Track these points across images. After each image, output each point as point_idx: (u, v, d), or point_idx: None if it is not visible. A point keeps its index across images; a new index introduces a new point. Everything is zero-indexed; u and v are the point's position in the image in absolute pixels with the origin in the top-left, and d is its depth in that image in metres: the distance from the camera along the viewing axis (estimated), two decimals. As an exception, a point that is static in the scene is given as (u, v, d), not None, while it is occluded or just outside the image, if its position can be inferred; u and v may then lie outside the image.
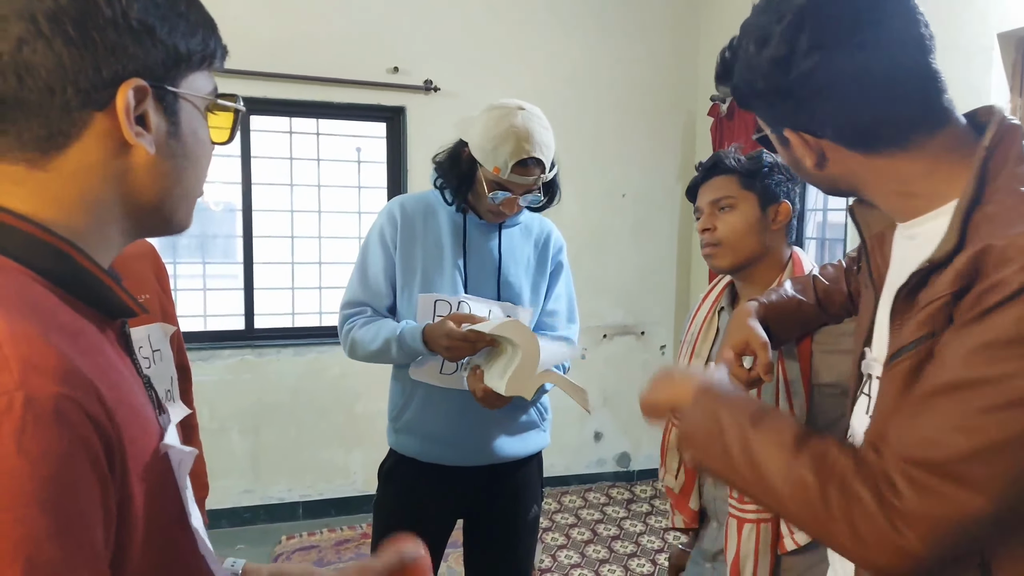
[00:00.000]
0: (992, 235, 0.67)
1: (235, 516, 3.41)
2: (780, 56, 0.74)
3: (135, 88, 0.56)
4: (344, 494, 3.62)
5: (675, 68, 4.05)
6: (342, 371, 3.52)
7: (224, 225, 3.75)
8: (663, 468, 1.43)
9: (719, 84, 0.86)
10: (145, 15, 0.56)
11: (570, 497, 3.91)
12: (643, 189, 4.07)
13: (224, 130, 0.68)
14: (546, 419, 1.78)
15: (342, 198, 3.70)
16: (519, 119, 1.51)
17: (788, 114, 0.78)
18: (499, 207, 1.58)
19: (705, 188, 1.36)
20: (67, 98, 0.54)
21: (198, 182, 0.66)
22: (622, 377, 4.09)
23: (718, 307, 1.40)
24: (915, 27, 0.74)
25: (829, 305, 1.15)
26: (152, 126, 0.58)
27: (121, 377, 0.57)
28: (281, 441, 3.51)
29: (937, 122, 0.76)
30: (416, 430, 1.66)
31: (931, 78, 0.75)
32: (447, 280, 1.63)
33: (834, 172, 0.81)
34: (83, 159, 0.56)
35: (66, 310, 0.55)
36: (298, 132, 3.58)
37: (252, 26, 3.25)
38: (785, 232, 1.32)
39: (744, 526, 1.21)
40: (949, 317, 0.69)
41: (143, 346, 1.50)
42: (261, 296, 3.57)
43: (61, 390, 0.47)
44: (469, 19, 3.66)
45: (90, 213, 0.58)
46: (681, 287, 4.21)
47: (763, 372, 1.07)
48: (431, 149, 1.74)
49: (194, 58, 0.61)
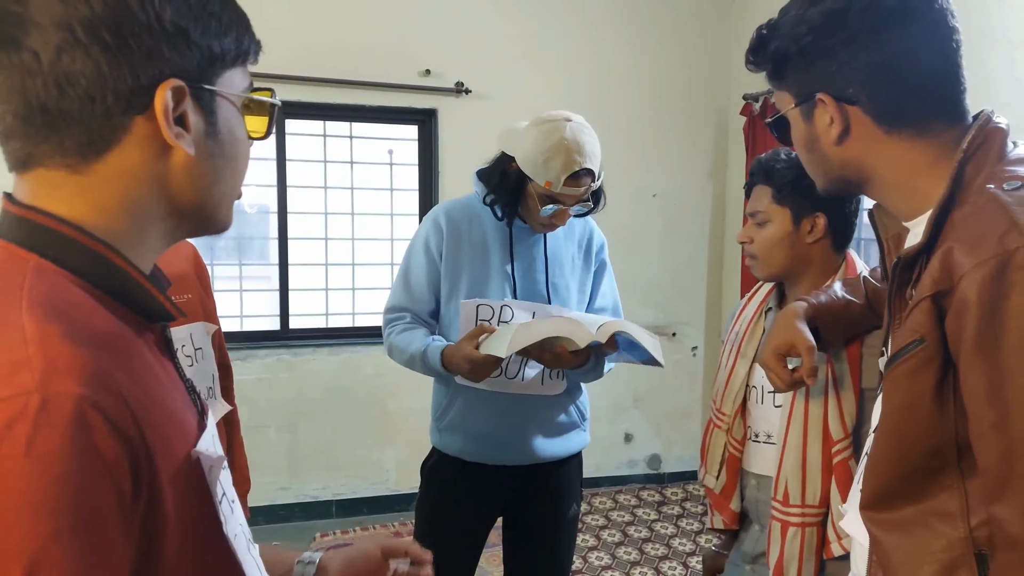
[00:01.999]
0: (959, 236, 0.70)
1: (272, 513, 3.47)
2: (836, 9, 0.77)
3: (173, 89, 0.56)
4: (377, 492, 3.65)
5: (708, 67, 4.02)
6: (376, 370, 3.56)
7: (260, 227, 3.81)
8: (703, 468, 1.42)
9: (752, 56, 0.87)
10: (178, 18, 0.56)
11: (600, 499, 3.90)
12: (675, 189, 4.04)
13: (261, 126, 0.67)
14: (586, 419, 1.79)
15: (375, 200, 3.74)
16: (568, 132, 1.51)
17: (827, 75, 0.79)
18: (551, 219, 1.59)
19: (752, 195, 1.35)
20: (108, 105, 0.54)
21: (236, 181, 0.66)
22: (653, 378, 4.06)
23: (765, 307, 1.39)
24: (953, 20, 0.78)
25: (878, 305, 1.14)
26: (191, 126, 0.58)
27: (156, 381, 0.56)
28: (317, 439, 3.56)
29: (954, 117, 0.78)
30: (459, 429, 1.68)
31: (958, 74, 0.78)
32: (495, 287, 1.64)
33: (851, 151, 0.81)
34: (124, 163, 0.56)
35: (102, 313, 0.55)
36: (332, 135, 3.63)
37: (286, 31, 3.30)
38: (830, 240, 1.29)
39: (788, 529, 1.20)
40: (936, 322, 0.71)
41: (185, 344, 1.53)
42: (296, 297, 3.63)
43: (83, 392, 0.46)
44: (499, 21, 3.67)
45: (130, 216, 0.58)
46: (713, 288, 4.18)
47: (807, 375, 1.07)
48: (463, 151, 1.75)
49: (228, 56, 0.61)
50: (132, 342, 0.56)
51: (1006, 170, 0.73)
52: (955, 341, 0.69)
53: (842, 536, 1.16)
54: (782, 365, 1.10)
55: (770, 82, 0.87)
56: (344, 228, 3.68)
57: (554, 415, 1.70)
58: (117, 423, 0.48)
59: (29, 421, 0.44)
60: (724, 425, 1.37)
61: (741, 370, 1.35)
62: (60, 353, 0.47)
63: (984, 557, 0.72)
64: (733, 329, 1.43)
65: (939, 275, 0.70)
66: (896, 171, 0.80)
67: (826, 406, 1.18)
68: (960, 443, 0.73)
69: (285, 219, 3.56)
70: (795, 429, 1.21)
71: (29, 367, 0.46)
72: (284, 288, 3.60)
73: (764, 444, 1.31)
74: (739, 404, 1.35)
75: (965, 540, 0.73)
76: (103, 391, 0.48)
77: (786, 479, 1.21)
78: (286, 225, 3.56)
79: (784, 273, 1.32)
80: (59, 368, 0.47)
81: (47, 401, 0.45)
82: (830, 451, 1.17)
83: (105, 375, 0.49)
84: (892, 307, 0.81)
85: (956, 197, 0.74)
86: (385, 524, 3.51)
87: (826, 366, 1.18)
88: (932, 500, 0.75)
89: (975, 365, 0.67)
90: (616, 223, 3.87)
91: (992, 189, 0.71)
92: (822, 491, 1.18)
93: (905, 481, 0.77)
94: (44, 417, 0.45)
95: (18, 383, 0.45)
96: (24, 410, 0.44)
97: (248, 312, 3.65)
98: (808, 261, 1.29)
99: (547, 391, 1.67)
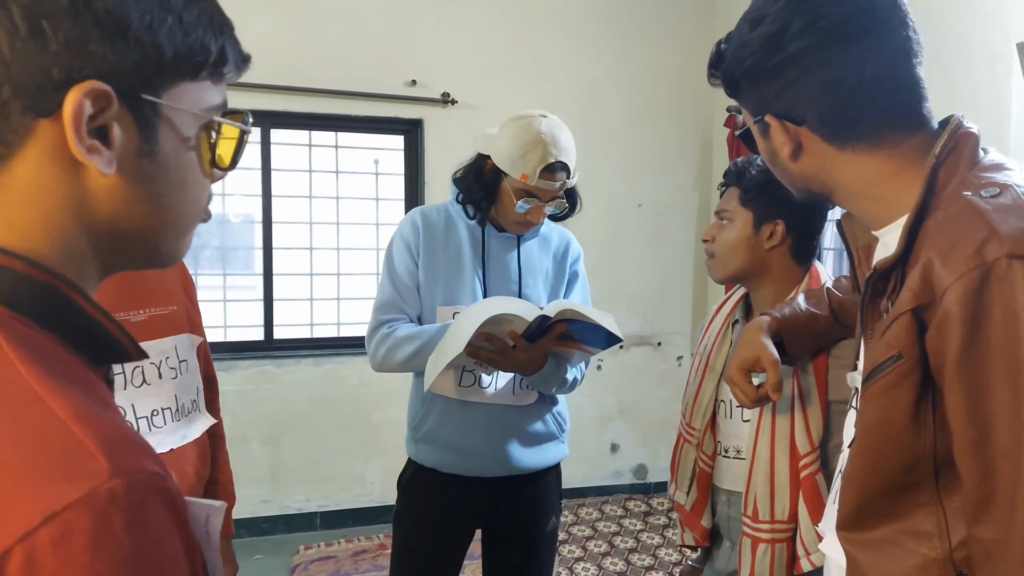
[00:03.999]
0: (937, 246, 0.68)
1: (254, 526, 3.43)
2: (772, 33, 0.76)
3: (91, 92, 0.46)
4: (362, 504, 3.63)
5: (692, 78, 4.04)
6: (360, 381, 3.55)
7: (244, 237, 3.80)
8: (673, 484, 1.42)
9: (711, 71, 0.88)
10: (116, 6, 0.46)
11: (587, 509, 3.89)
12: (660, 199, 4.06)
13: (227, 153, 0.56)
14: (564, 430, 1.78)
15: (360, 210, 3.73)
16: (544, 125, 1.55)
17: (772, 97, 0.79)
18: (526, 216, 1.60)
19: (723, 195, 1.36)
20: (3, 99, 0.45)
21: (186, 210, 0.55)
22: (639, 388, 4.08)
23: (732, 320, 1.39)
24: (903, 30, 0.75)
25: (843, 317, 1.14)
26: (115, 141, 0.48)
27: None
28: (301, 451, 3.54)
29: (912, 126, 0.76)
30: (435, 440, 1.67)
31: (913, 83, 0.76)
32: (467, 292, 1.65)
33: (808, 167, 0.81)
34: (32, 177, 0.46)
35: (71, 361, 0.47)
36: (317, 145, 3.62)
37: (271, 40, 3.30)
38: (789, 250, 1.29)
39: (759, 546, 1.20)
40: (915, 337, 0.70)
41: (169, 356, 1.51)
42: (280, 307, 3.61)
43: (151, 467, 0.42)
44: (485, 32, 3.69)
45: (54, 243, 0.48)
46: (698, 297, 4.19)
47: (772, 391, 1.07)
48: (448, 161, 1.75)
49: (184, 64, 0.50)
50: (100, 388, 0.49)
51: (981, 176, 0.71)
52: (937, 356, 0.68)
53: (811, 552, 1.16)
54: (747, 381, 1.10)
55: (729, 96, 0.88)
56: (329, 238, 3.68)
57: (530, 424, 1.69)
58: (174, 489, 0.44)
59: (122, 513, 0.39)
60: (694, 440, 1.37)
61: (709, 384, 1.35)
62: (100, 426, 0.42)
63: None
64: (701, 342, 1.43)
65: (919, 288, 0.68)
66: (857, 182, 0.79)
67: (793, 420, 1.18)
68: (938, 460, 0.72)
69: (270, 229, 3.55)
70: (763, 444, 1.21)
71: (88, 453, 0.40)
72: (268, 298, 3.58)
73: (734, 459, 1.31)
74: (708, 419, 1.34)
75: (943, 561, 0.71)
76: (152, 459, 0.43)
77: (755, 494, 1.21)
78: (271, 235, 3.55)
79: (740, 276, 1.32)
80: (114, 445, 0.41)
81: (131, 485, 0.40)
82: (797, 465, 1.17)
83: (138, 438, 0.44)
84: (865, 319, 0.80)
85: (929, 204, 0.72)
86: (370, 536, 3.49)
87: (792, 379, 1.18)
88: (907, 519, 0.74)
89: (958, 381, 0.66)
90: (601, 232, 3.89)
91: (969, 196, 0.69)
92: (790, 506, 1.18)
93: (880, 498, 0.76)
94: (136, 504, 0.40)
95: (87, 473, 0.39)
96: (112, 502, 0.39)
97: (232, 322, 3.63)
98: (766, 267, 1.29)
99: (519, 401, 1.67)
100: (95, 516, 0.38)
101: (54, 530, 0.37)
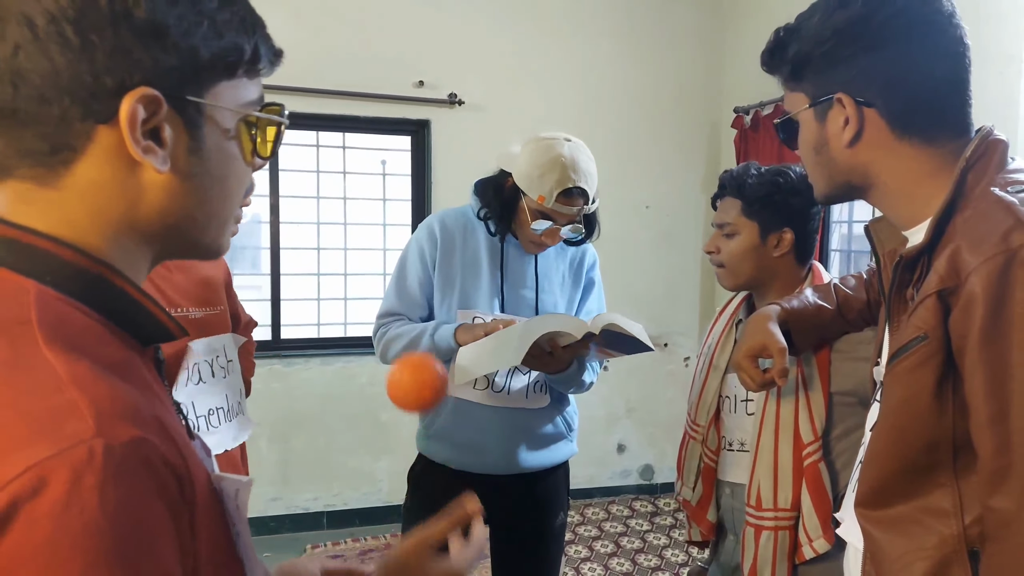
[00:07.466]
0: (965, 236, 0.72)
1: (262, 525, 3.45)
2: (860, 15, 0.80)
3: (143, 98, 0.49)
4: (370, 503, 3.64)
5: (700, 80, 4.05)
6: (369, 380, 3.56)
7: (252, 237, 3.81)
8: (680, 481, 1.43)
9: (769, 58, 0.89)
10: (154, 14, 0.49)
11: (593, 509, 3.89)
12: (667, 200, 4.06)
13: (265, 145, 0.60)
14: (573, 430, 1.80)
15: (367, 210, 3.75)
16: (565, 149, 1.54)
17: (848, 78, 0.82)
18: (541, 238, 1.59)
19: (719, 206, 1.38)
20: (64, 108, 0.48)
21: (226, 203, 0.59)
22: (646, 389, 4.08)
23: (736, 320, 1.41)
24: (965, 40, 0.82)
25: (848, 311, 1.16)
26: (167, 141, 0.52)
27: (164, 407, 0.52)
28: (309, 450, 3.55)
29: (959, 130, 0.81)
30: (446, 438, 1.69)
31: (967, 90, 0.81)
32: (484, 300, 1.66)
33: (860, 155, 0.83)
34: (92, 177, 0.51)
35: (109, 340, 0.51)
36: (325, 145, 3.64)
37: (280, 42, 3.29)
38: (795, 255, 1.32)
39: (762, 534, 1.21)
40: (940, 319, 0.73)
41: (219, 355, 1.54)
42: (287, 307, 3.63)
43: (138, 433, 0.43)
44: (493, 33, 3.70)
45: (106, 235, 0.52)
46: (705, 299, 4.19)
47: (778, 376, 1.08)
48: (455, 161, 1.77)
49: (219, 65, 0.54)
50: (139, 368, 0.52)
51: (1008, 177, 0.76)
52: (959, 337, 0.71)
53: (813, 539, 1.17)
54: (754, 366, 1.12)
55: (785, 84, 0.90)
56: (336, 238, 3.69)
57: (540, 426, 1.71)
58: (170, 460, 0.45)
59: (97, 471, 0.40)
60: (699, 436, 1.38)
61: (713, 381, 1.37)
62: (99, 392, 0.44)
63: (976, 554, 0.73)
64: (706, 342, 1.45)
65: (946, 272, 0.72)
66: (900, 177, 0.82)
67: (796, 409, 1.20)
68: (957, 442, 0.75)
69: (277, 229, 3.57)
70: (767, 433, 1.22)
71: (78, 413, 0.42)
72: (276, 298, 3.60)
73: (738, 452, 1.32)
74: (713, 414, 1.36)
75: (958, 537, 0.74)
76: (150, 428, 0.45)
77: (759, 483, 1.22)
78: (278, 235, 3.57)
79: (750, 283, 1.35)
80: (106, 409, 0.43)
81: (111, 447, 0.41)
82: (801, 454, 1.19)
83: (143, 409, 0.46)
84: (891, 309, 0.84)
85: (957, 203, 0.76)
86: (376, 536, 3.50)
87: (796, 370, 1.20)
88: (926, 497, 0.77)
89: (979, 359, 0.69)
90: (609, 234, 3.85)
91: (996, 191, 0.74)
92: (793, 494, 1.19)
93: (901, 477, 0.79)
94: (112, 465, 0.41)
95: (72, 431, 0.41)
96: (90, 460, 0.40)
97: (240, 322, 3.65)
98: (773, 273, 1.32)
99: (532, 404, 1.68)
100: (71, 471, 0.40)
101: (27, 481, 0.39)
